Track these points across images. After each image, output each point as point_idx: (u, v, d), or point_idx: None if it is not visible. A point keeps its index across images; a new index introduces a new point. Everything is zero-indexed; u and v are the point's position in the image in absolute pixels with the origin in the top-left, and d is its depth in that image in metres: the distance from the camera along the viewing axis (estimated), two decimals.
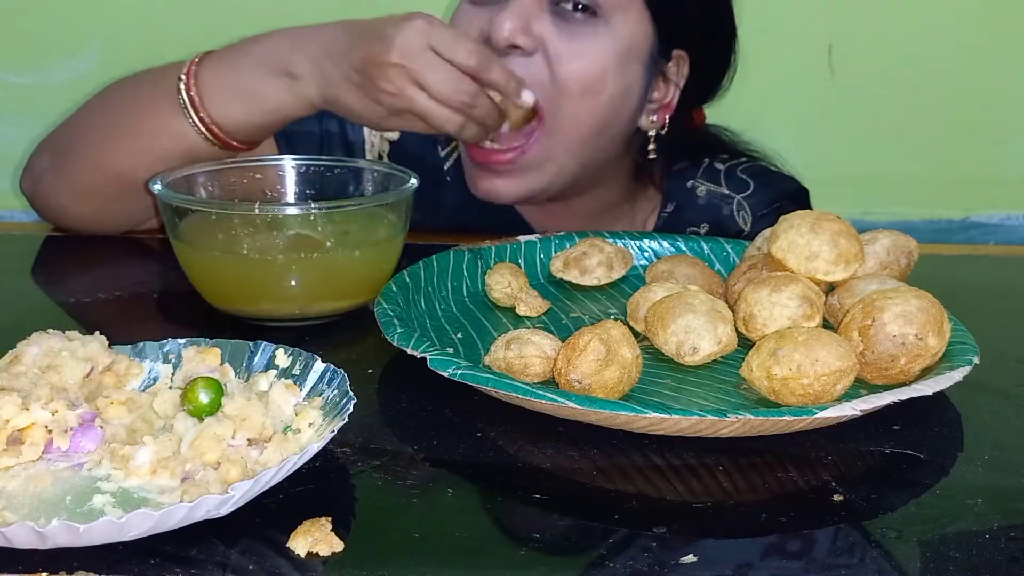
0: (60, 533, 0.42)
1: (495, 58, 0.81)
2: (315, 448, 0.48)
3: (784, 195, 1.05)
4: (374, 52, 0.78)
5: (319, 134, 0.99)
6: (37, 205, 0.94)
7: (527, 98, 0.83)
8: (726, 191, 1.04)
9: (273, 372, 0.56)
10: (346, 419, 0.50)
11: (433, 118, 0.79)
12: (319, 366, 0.56)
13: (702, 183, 1.04)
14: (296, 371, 0.57)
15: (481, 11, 0.90)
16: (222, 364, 0.56)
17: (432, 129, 0.81)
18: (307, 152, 0.94)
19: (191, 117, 0.83)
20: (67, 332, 0.55)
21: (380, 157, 1.02)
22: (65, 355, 0.53)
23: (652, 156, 0.99)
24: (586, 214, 1.01)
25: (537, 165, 0.90)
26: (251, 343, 0.58)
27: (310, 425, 0.52)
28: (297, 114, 0.85)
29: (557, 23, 0.87)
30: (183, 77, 0.84)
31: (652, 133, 0.98)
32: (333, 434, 0.50)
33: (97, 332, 0.56)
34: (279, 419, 0.52)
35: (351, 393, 0.53)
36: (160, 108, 0.85)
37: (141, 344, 0.58)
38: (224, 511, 0.45)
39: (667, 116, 0.97)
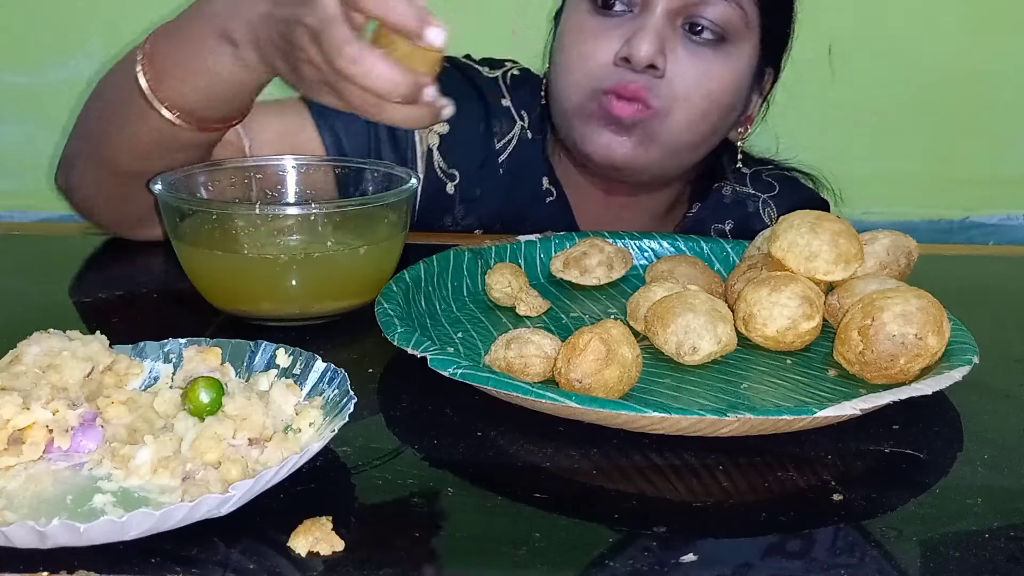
0: (60, 533, 0.42)
1: None
2: (315, 448, 0.48)
3: (808, 201, 1.09)
4: (292, 13, 0.65)
5: (364, 125, 0.95)
6: (70, 201, 0.91)
7: (435, 38, 0.62)
8: (751, 191, 1.07)
9: (274, 372, 0.56)
10: (346, 419, 0.50)
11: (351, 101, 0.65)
12: (320, 366, 0.56)
13: (727, 183, 1.07)
14: (297, 371, 0.57)
15: (609, 24, 0.91)
16: (222, 364, 0.56)
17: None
18: (354, 144, 0.93)
19: (153, 105, 0.76)
20: (67, 332, 0.55)
21: (429, 150, 0.99)
22: (66, 355, 0.53)
23: (740, 166, 1.05)
24: (651, 212, 1.04)
25: (648, 141, 0.92)
26: (251, 343, 0.58)
27: (311, 425, 0.52)
28: (258, 82, 0.74)
29: (687, 45, 0.91)
30: (140, 63, 0.76)
31: (740, 143, 1.03)
32: (334, 434, 0.50)
33: (97, 332, 0.56)
34: (280, 419, 0.52)
35: (351, 393, 0.53)
36: (132, 98, 0.77)
37: (141, 344, 0.58)
38: (224, 511, 0.45)
39: (748, 126, 1.02)
